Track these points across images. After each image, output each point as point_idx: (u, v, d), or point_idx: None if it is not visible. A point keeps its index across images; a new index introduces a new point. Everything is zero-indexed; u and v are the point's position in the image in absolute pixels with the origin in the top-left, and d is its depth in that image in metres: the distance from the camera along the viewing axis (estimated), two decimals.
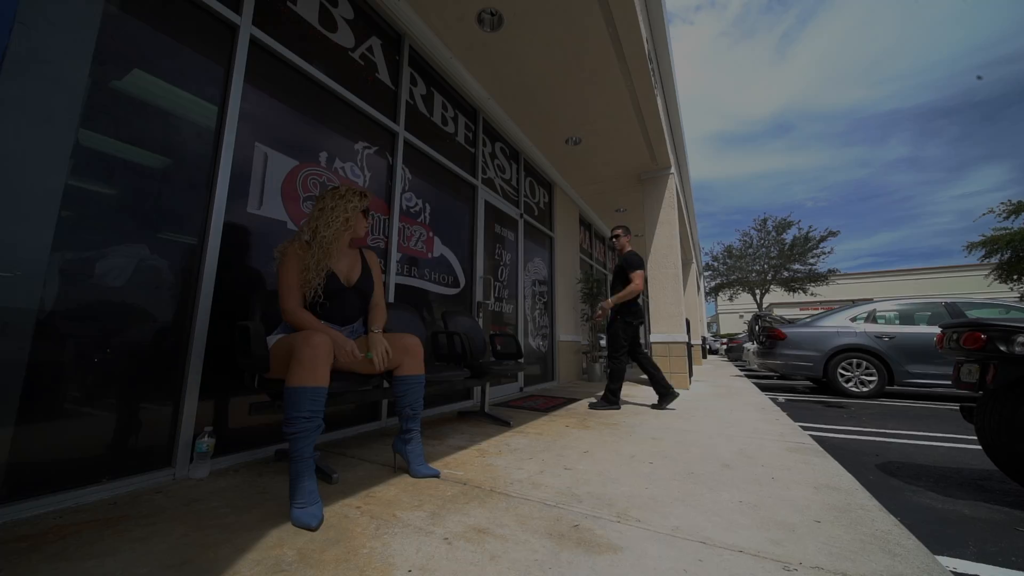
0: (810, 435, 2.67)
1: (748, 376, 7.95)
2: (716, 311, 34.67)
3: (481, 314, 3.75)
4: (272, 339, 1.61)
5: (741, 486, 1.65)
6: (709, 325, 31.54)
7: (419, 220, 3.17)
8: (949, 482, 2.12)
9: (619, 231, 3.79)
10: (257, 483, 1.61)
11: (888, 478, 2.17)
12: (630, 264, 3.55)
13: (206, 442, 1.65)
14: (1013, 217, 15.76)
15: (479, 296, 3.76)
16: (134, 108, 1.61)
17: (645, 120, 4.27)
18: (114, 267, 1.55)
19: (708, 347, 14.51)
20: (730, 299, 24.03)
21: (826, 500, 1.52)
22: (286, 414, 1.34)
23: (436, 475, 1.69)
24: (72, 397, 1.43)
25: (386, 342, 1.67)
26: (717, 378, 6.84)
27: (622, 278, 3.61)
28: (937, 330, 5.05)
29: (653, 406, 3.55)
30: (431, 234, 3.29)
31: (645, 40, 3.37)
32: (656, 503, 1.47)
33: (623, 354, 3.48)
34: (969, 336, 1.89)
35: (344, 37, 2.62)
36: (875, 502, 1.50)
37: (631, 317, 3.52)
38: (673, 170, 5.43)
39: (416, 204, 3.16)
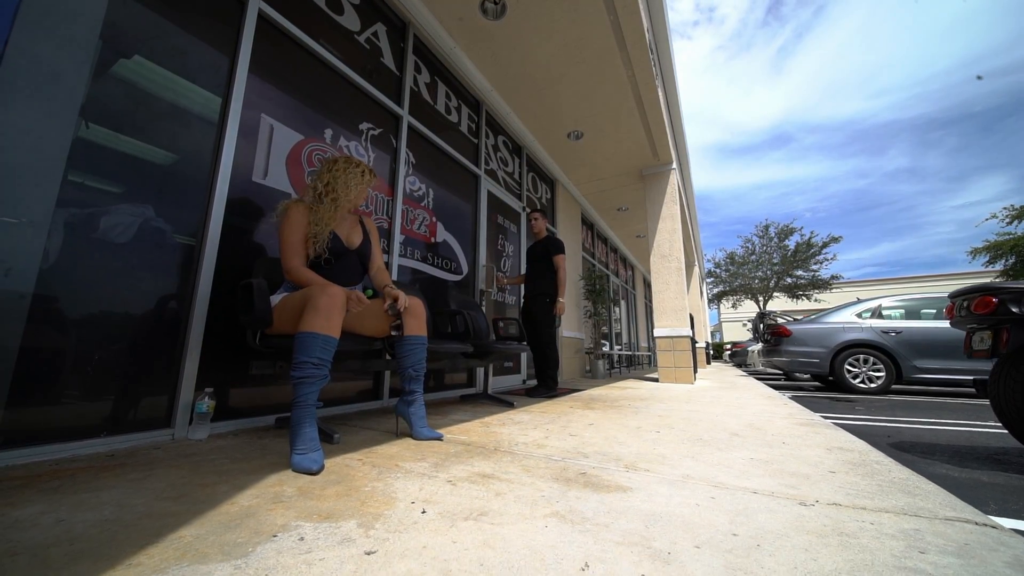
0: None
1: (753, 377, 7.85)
2: (719, 319, 34.46)
3: (484, 301, 3.73)
4: (275, 298, 1.60)
5: (752, 448, 1.61)
6: (712, 334, 31.32)
7: (422, 204, 3.18)
8: (964, 456, 2.06)
9: (536, 215, 3.70)
10: (257, 443, 1.58)
11: (901, 453, 2.12)
12: (556, 247, 3.46)
13: (206, 403, 1.62)
14: (1017, 222, 15.73)
15: (482, 284, 3.75)
16: (143, 73, 1.63)
17: (646, 112, 4.30)
18: (118, 224, 1.55)
19: (711, 352, 14.38)
20: (733, 306, 23.90)
21: (840, 457, 1.48)
22: (295, 359, 1.32)
23: (439, 438, 1.66)
24: (70, 354, 1.41)
25: (403, 295, 1.69)
26: (722, 377, 6.76)
27: (545, 260, 3.48)
28: (943, 324, 5.00)
29: (528, 392, 3.32)
30: (434, 219, 3.29)
31: (646, 29, 3.41)
32: (665, 459, 1.43)
33: (555, 338, 3.41)
34: (980, 301, 1.86)
35: (350, 20, 2.67)
36: (891, 459, 1.46)
37: (553, 298, 3.43)
38: (675, 166, 5.45)
39: (420, 188, 3.17)
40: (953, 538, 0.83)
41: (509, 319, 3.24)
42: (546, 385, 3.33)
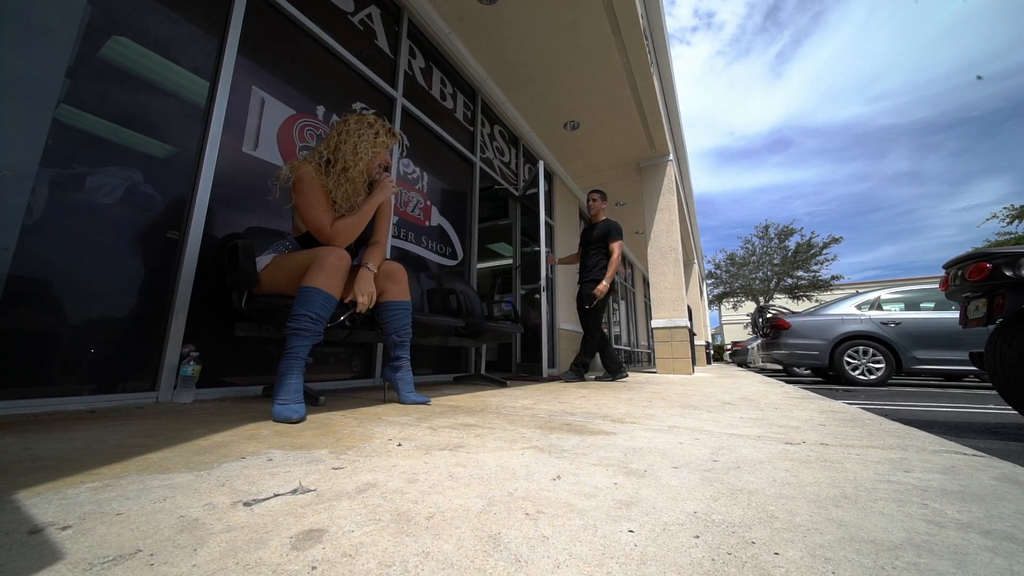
0: None
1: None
2: (720, 322, 34.35)
3: (547, 290, 3.71)
4: (265, 258, 1.59)
5: (742, 411, 1.59)
6: (714, 336, 31.20)
7: (416, 187, 3.18)
8: (963, 430, 2.03)
9: (596, 195, 3.73)
10: (242, 406, 1.55)
11: None
12: (616, 232, 3.51)
13: (191, 367, 1.61)
14: (1017, 222, 15.71)
15: (544, 271, 3.77)
16: (134, 38, 1.64)
17: (642, 101, 4.31)
18: (104, 184, 1.55)
19: (711, 352, 14.31)
20: (734, 307, 23.84)
21: (831, 416, 1.45)
22: (294, 311, 1.31)
23: (426, 402, 1.64)
24: (51, 314, 1.40)
25: (374, 287, 1.54)
26: (722, 371, 6.72)
27: (602, 245, 3.53)
28: (943, 316, 4.96)
29: (597, 378, 3.40)
30: (428, 203, 3.29)
31: (640, 16, 3.43)
32: (653, 417, 1.41)
33: (599, 327, 3.41)
34: (975, 268, 1.84)
35: (344, 1, 2.68)
36: (884, 417, 1.44)
37: (610, 291, 3.46)
38: (671, 158, 5.45)
39: (414, 171, 3.17)
40: (940, 463, 0.81)
41: (504, 301, 3.23)
42: (575, 371, 3.32)
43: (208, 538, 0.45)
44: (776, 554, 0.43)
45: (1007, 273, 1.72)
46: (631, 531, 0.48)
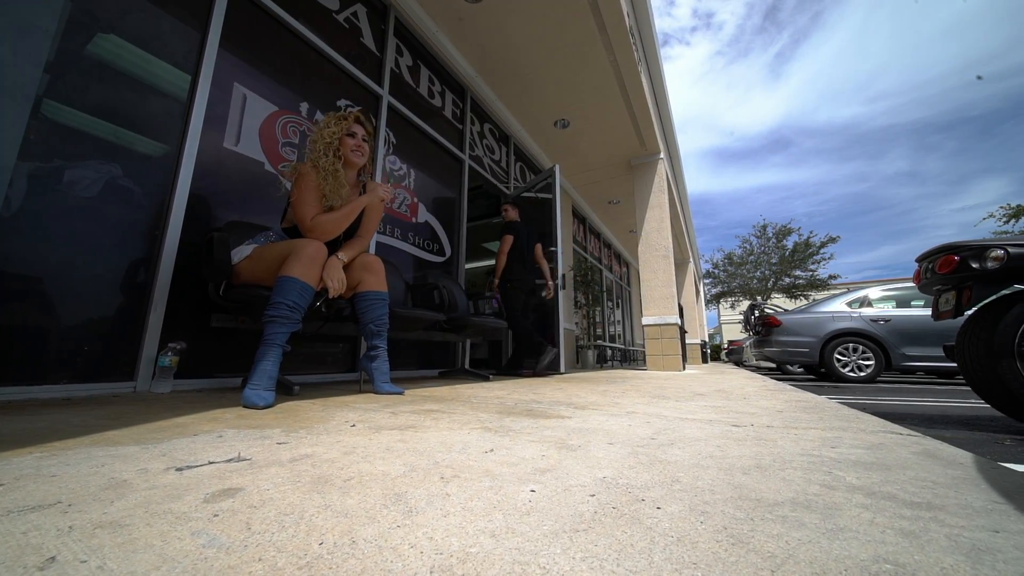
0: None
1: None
2: (719, 322, 34.35)
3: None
4: (245, 249, 1.61)
5: (710, 400, 1.61)
6: (712, 336, 31.20)
7: (403, 184, 3.20)
8: (935, 421, 2.06)
9: (507, 206, 3.78)
10: (218, 396, 1.59)
11: None
12: (503, 228, 3.56)
13: (169, 357, 1.64)
14: (1013, 221, 15.71)
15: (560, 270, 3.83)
16: (114, 32, 1.67)
17: (631, 99, 4.33)
18: (84, 178, 1.58)
19: (707, 351, 14.32)
20: (731, 307, 23.85)
21: (794, 405, 1.48)
22: (272, 299, 1.35)
23: (400, 392, 1.67)
24: (28, 303, 1.43)
25: (343, 273, 1.55)
26: (713, 368, 6.75)
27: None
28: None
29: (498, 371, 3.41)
30: (415, 200, 3.31)
31: (626, 14, 3.45)
32: (618, 405, 1.43)
33: (520, 316, 3.41)
34: (943, 261, 1.86)
35: None
36: (845, 406, 1.46)
37: (516, 283, 3.45)
38: (663, 156, 5.48)
39: (400, 168, 3.19)
40: (870, 441, 0.84)
41: (491, 295, 3.26)
42: (511, 364, 3.35)
43: (129, 494, 0.47)
44: (658, 508, 0.46)
45: (974, 265, 1.74)
46: (532, 491, 0.51)
